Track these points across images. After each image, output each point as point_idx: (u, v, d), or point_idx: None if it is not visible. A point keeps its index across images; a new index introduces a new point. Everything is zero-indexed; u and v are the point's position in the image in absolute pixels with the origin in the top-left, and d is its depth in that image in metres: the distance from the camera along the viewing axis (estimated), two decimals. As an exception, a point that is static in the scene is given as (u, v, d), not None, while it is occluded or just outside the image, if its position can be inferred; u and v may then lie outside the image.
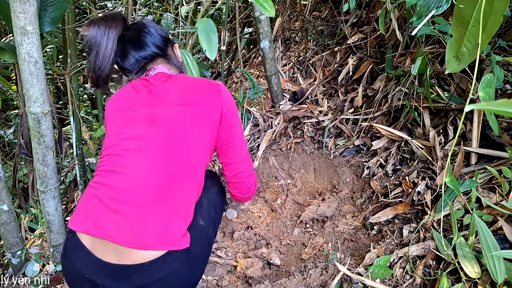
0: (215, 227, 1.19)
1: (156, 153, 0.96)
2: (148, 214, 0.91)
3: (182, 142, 0.99)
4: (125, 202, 0.91)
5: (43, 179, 1.43)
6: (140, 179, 0.93)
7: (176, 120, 1.01)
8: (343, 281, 1.19)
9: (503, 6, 0.77)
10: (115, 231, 0.89)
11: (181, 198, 0.96)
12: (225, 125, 1.09)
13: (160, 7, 3.58)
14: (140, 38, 1.11)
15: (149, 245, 0.88)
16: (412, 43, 1.85)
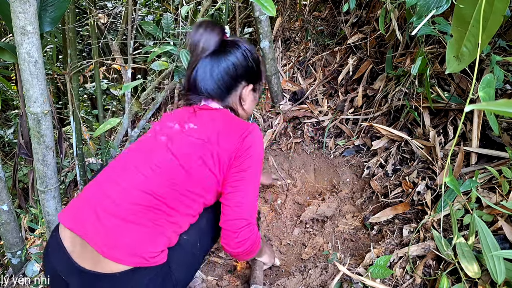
0: (201, 251, 1.14)
1: (156, 175, 0.98)
2: (126, 229, 0.92)
3: (186, 174, 1.00)
4: (110, 213, 0.93)
5: (43, 179, 1.43)
6: (132, 195, 0.95)
7: (189, 150, 1.02)
8: (343, 281, 1.19)
9: (503, 6, 0.77)
10: (94, 236, 0.91)
11: (165, 223, 0.97)
12: (236, 167, 1.05)
13: (160, 7, 3.57)
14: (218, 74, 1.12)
15: (120, 258, 0.90)
16: (412, 43, 1.85)
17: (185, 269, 1.05)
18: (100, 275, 0.90)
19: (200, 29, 1.10)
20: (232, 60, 1.12)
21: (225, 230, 1.06)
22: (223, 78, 1.12)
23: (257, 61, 1.19)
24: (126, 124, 2.36)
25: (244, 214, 1.05)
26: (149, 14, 3.63)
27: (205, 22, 1.13)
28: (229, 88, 1.14)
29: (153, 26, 1.72)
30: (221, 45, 1.12)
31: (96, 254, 0.90)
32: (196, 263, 1.11)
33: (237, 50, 1.13)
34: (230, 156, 1.04)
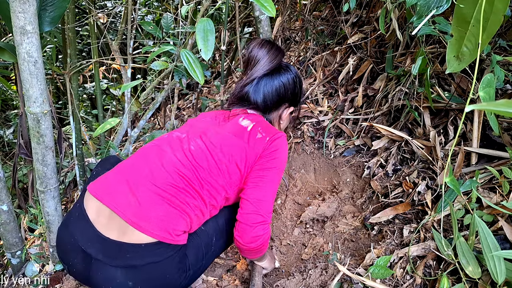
0: (213, 250, 1.17)
1: (187, 160, 1.05)
2: (158, 204, 0.97)
3: (212, 161, 1.06)
4: (146, 187, 0.99)
5: (42, 179, 1.43)
6: (169, 175, 1.02)
7: (219, 142, 1.09)
8: (343, 281, 1.18)
9: (504, 6, 0.77)
10: (125, 207, 0.96)
11: (191, 206, 1.02)
12: (260, 165, 1.11)
13: (160, 7, 3.57)
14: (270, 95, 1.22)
15: (150, 230, 0.94)
16: (413, 43, 1.85)
17: (196, 258, 1.09)
18: (125, 245, 0.95)
19: (264, 48, 1.21)
20: (284, 81, 1.23)
21: (242, 224, 1.09)
22: (273, 96, 1.22)
23: (301, 87, 1.31)
24: (125, 124, 2.36)
25: (262, 211, 1.09)
26: (149, 14, 3.63)
27: (271, 43, 1.23)
28: (275, 106, 1.25)
29: (153, 26, 1.71)
30: (278, 66, 1.23)
31: (123, 224, 0.95)
32: (207, 258, 1.14)
33: (289, 73, 1.25)
34: (256, 155, 1.11)
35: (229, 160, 1.07)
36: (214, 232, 1.15)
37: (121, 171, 1.05)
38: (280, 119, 1.30)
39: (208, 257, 1.14)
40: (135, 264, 0.94)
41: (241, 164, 1.09)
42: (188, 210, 1.01)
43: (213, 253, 1.16)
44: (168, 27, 1.76)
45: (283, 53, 1.24)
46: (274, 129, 1.18)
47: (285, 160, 1.17)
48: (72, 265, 1.01)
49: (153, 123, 3.67)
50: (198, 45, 1.21)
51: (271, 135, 1.14)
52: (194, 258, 1.07)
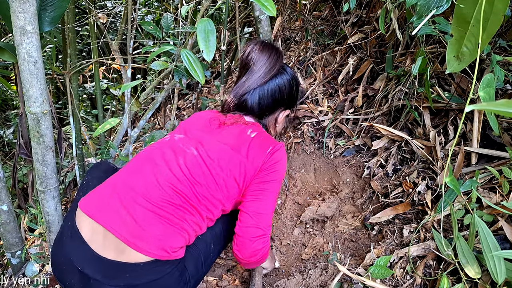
0: (211, 257, 1.17)
1: (184, 175, 1.01)
2: (155, 223, 0.95)
3: (210, 176, 1.03)
4: (140, 204, 0.95)
5: (42, 179, 1.43)
6: (164, 191, 0.98)
7: (217, 156, 1.05)
8: (343, 281, 1.18)
9: (504, 6, 0.77)
10: (120, 226, 0.93)
11: (188, 222, 1.00)
12: (260, 178, 1.08)
13: (160, 7, 3.57)
14: (269, 98, 1.17)
15: (147, 249, 0.92)
16: (413, 43, 1.85)
17: (196, 268, 1.08)
18: (123, 264, 0.93)
19: (265, 54, 1.15)
20: (279, 84, 1.17)
21: (241, 237, 1.08)
22: (268, 101, 1.17)
23: (298, 89, 1.26)
24: (125, 124, 2.36)
25: (262, 224, 1.07)
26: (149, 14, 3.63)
27: (271, 46, 1.18)
28: (270, 110, 1.21)
29: (153, 26, 1.71)
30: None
31: (120, 243, 0.92)
32: (206, 265, 1.13)
33: (285, 76, 1.19)
34: (256, 169, 1.07)
35: (227, 175, 1.04)
36: (211, 240, 1.13)
37: (114, 186, 1.01)
38: (276, 123, 1.27)
39: (207, 264, 1.13)
40: (136, 284, 0.93)
41: (240, 178, 1.06)
42: (186, 226, 0.99)
43: (212, 260, 1.16)
44: (168, 27, 1.75)
45: (282, 57, 1.20)
46: (273, 140, 1.14)
47: (284, 171, 1.14)
48: (70, 285, 0.98)
49: (153, 123, 3.67)
50: (200, 46, 1.21)
51: (270, 147, 1.10)
52: (194, 269, 1.06)
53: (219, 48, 2.68)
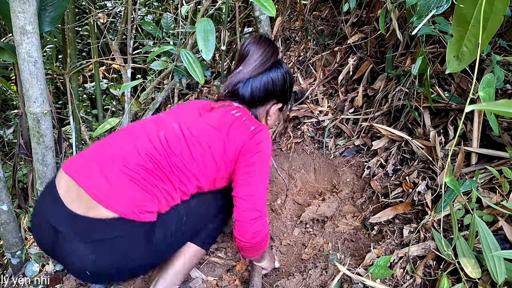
0: (184, 231, 1.18)
1: (162, 146, 1.07)
2: (127, 185, 1.01)
3: (186, 149, 1.08)
4: (115, 167, 1.02)
5: (42, 179, 1.43)
6: (140, 158, 1.04)
7: (197, 132, 1.11)
8: (343, 281, 1.18)
9: (504, 6, 0.77)
10: (94, 186, 0.99)
11: (160, 190, 1.05)
12: (245, 161, 1.12)
13: (160, 7, 3.57)
14: (261, 88, 1.21)
15: (115, 207, 0.98)
16: (413, 43, 1.85)
17: (165, 235, 1.11)
18: (90, 219, 0.98)
19: (261, 47, 1.19)
20: (273, 77, 1.21)
21: (240, 222, 1.11)
22: (260, 92, 1.21)
23: (291, 84, 1.29)
24: (125, 124, 2.36)
25: (258, 206, 1.11)
26: (149, 14, 3.62)
27: (267, 40, 1.22)
28: (262, 102, 1.24)
29: (153, 26, 1.71)
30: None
31: (91, 201, 0.98)
32: (177, 238, 1.15)
33: (279, 70, 1.23)
34: (237, 149, 1.11)
35: (204, 150, 1.09)
36: (185, 212, 1.16)
37: (96, 152, 1.07)
38: (267, 115, 1.29)
39: (178, 236, 1.15)
40: (102, 238, 0.98)
41: (217, 156, 1.10)
42: (156, 192, 1.04)
43: (184, 233, 1.17)
44: (168, 27, 1.75)
45: (278, 52, 1.23)
46: (256, 122, 1.18)
47: (269, 152, 1.17)
48: (41, 239, 1.06)
49: (153, 123, 3.66)
50: (199, 45, 1.21)
51: (253, 127, 1.14)
52: (162, 235, 1.09)
53: (219, 48, 2.68)
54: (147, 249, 1.05)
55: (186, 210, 1.16)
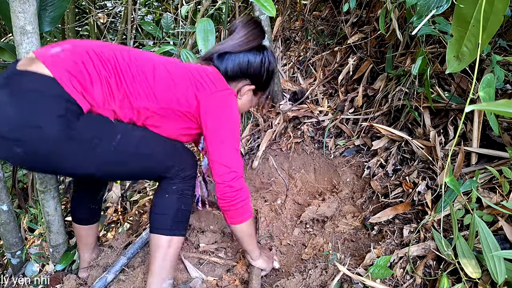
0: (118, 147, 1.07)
1: (129, 56, 1.09)
2: (76, 60, 1.01)
3: (139, 70, 1.09)
4: (72, 52, 1.03)
5: (42, 179, 1.43)
6: (102, 50, 1.07)
7: (152, 66, 1.11)
8: (343, 281, 1.18)
9: (504, 6, 0.77)
10: (47, 57, 1.00)
11: (102, 81, 1.04)
12: (210, 126, 1.15)
13: (160, 7, 3.57)
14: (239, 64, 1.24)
15: (54, 70, 0.97)
16: (413, 43, 1.85)
17: (88, 130, 1.02)
18: (25, 71, 0.98)
19: (247, 28, 1.22)
20: (250, 59, 1.23)
21: (220, 184, 1.14)
22: (234, 67, 1.23)
23: (270, 73, 1.30)
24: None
25: (232, 167, 1.14)
26: (149, 14, 3.63)
27: (256, 23, 1.24)
28: (234, 78, 1.25)
29: (153, 26, 1.71)
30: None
31: (36, 60, 0.99)
32: (102, 148, 1.05)
33: (260, 55, 1.25)
34: (184, 97, 1.13)
35: (153, 81, 1.09)
36: (122, 130, 1.08)
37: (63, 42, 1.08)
38: (238, 93, 1.29)
39: (103, 150, 1.05)
40: (22, 88, 0.96)
41: (159, 93, 1.09)
42: (96, 78, 1.02)
43: (110, 155, 1.07)
44: (168, 27, 1.75)
45: (263, 36, 1.25)
46: (222, 85, 1.18)
47: (234, 114, 1.18)
48: None
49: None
50: (199, 45, 1.21)
51: (213, 87, 1.15)
52: (83, 131, 1.01)
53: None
54: (58, 124, 0.96)
55: (124, 130, 1.09)
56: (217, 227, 1.65)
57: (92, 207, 1.46)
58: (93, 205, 1.46)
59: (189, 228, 1.67)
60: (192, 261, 1.52)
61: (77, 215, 1.47)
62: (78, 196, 1.45)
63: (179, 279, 1.41)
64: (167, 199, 1.20)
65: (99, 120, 1.06)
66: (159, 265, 1.20)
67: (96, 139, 1.03)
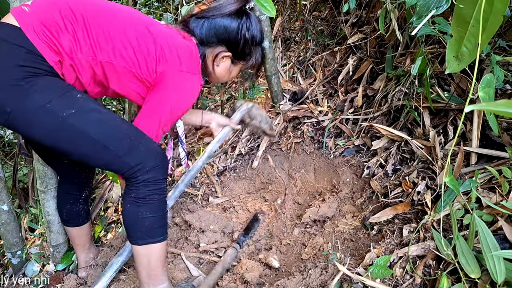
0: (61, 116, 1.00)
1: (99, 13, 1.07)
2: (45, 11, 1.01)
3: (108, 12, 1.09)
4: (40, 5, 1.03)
5: (43, 179, 1.43)
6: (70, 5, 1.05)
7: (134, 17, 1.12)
8: (343, 281, 1.19)
9: (503, 6, 0.77)
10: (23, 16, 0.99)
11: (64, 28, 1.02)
12: (154, 88, 1.14)
13: (160, 7, 3.57)
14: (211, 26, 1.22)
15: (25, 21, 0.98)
16: (412, 43, 1.85)
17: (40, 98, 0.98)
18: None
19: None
20: (225, 23, 1.21)
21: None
22: (209, 33, 1.21)
23: (248, 40, 1.25)
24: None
25: (147, 128, 1.13)
26: (149, 14, 3.62)
27: None
28: (210, 43, 1.24)
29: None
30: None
31: (11, 15, 0.99)
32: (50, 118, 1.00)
33: (237, 19, 1.22)
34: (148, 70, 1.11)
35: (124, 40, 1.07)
36: (79, 108, 1.02)
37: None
38: (214, 61, 1.27)
39: (51, 114, 0.99)
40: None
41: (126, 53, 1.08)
42: (63, 28, 1.00)
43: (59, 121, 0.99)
44: (168, 27, 1.75)
45: (245, 3, 1.23)
46: (190, 66, 1.15)
47: (182, 99, 1.16)
48: None
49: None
50: (199, 45, 1.21)
51: (179, 65, 1.12)
52: (41, 88, 0.98)
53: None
54: (14, 74, 0.94)
55: (82, 110, 1.02)
56: (217, 227, 1.65)
57: (75, 209, 1.43)
58: (77, 207, 1.44)
59: (189, 228, 1.68)
60: (192, 261, 1.52)
61: (62, 216, 1.46)
62: (60, 198, 1.44)
63: (179, 279, 1.41)
64: (128, 209, 1.11)
65: (62, 88, 1.01)
66: (145, 275, 1.16)
67: (48, 103, 0.97)
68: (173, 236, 1.67)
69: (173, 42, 1.14)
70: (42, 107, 0.97)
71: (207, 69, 1.30)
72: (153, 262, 1.15)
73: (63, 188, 1.43)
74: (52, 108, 0.98)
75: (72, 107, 1.00)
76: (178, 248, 1.59)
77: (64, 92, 1.01)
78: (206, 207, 1.83)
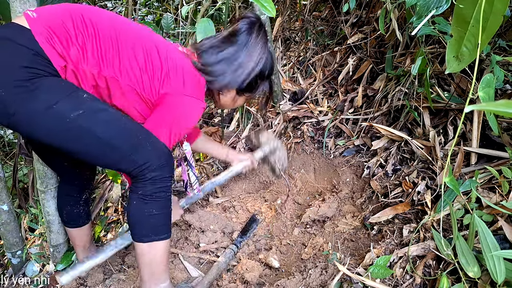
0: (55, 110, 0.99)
1: (104, 27, 1.06)
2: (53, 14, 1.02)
3: (118, 39, 1.07)
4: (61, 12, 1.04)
5: (43, 179, 1.43)
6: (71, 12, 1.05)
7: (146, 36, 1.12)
8: (343, 281, 1.19)
9: (503, 6, 0.77)
10: (31, 18, 0.99)
11: (77, 38, 1.03)
12: (156, 107, 1.15)
13: (160, 7, 3.57)
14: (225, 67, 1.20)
15: (33, 25, 0.98)
16: (412, 43, 1.85)
17: (46, 97, 0.97)
18: (6, 24, 1.00)
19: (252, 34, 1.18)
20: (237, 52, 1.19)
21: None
22: (219, 63, 1.19)
23: (256, 75, 1.23)
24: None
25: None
26: (149, 14, 3.63)
27: (260, 27, 1.19)
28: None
29: (153, 26, 1.72)
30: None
31: (22, 17, 0.99)
32: (56, 118, 0.99)
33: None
34: (151, 90, 1.11)
35: (131, 58, 1.07)
36: (87, 108, 1.02)
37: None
38: (220, 92, 1.26)
39: (58, 114, 0.98)
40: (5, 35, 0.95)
41: (132, 72, 1.08)
42: (73, 39, 1.00)
43: (66, 122, 0.99)
44: (168, 27, 1.76)
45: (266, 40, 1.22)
46: (195, 91, 1.16)
47: (182, 122, 1.16)
48: None
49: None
50: (199, 45, 1.21)
51: (182, 89, 1.12)
52: (48, 89, 0.97)
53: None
54: (19, 76, 0.93)
55: (90, 111, 1.02)
56: (217, 227, 1.65)
57: (76, 210, 1.43)
58: (77, 208, 1.43)
59: (189, 228, 1.68)
60: (192, 261, 1.52)
61: (63, 218, 1.46)
62: (60, 199, 1.44)
63: (179, 279, 1.41)
64: (134, 206, 1.12)
65: (68, 88, 1.01)
66: (147, 272, 1.16)
67: (55, 104, 0.97)
68: (173, 236, 1.67)
69: (181, 65, 1.14)
70: (49, 108, 0.97)
71: (213, 96, 1.30)
72: (156, 260, 1.16)
73: (64, 190, 1.43)
74: (59, 109, 0.98)
75: (80, 108, 1.00)
76: (178, 248, 1.59)
77: (70, 92, 1.01)
78: (206, 207, 1.83)
